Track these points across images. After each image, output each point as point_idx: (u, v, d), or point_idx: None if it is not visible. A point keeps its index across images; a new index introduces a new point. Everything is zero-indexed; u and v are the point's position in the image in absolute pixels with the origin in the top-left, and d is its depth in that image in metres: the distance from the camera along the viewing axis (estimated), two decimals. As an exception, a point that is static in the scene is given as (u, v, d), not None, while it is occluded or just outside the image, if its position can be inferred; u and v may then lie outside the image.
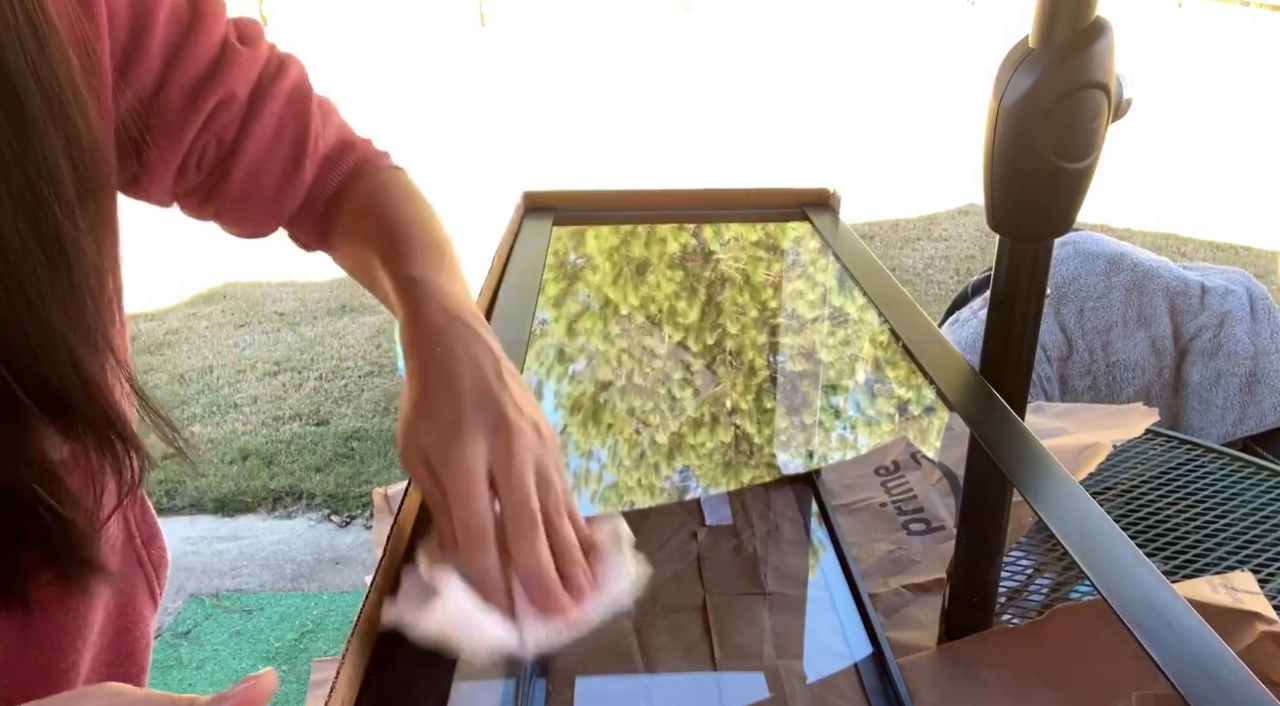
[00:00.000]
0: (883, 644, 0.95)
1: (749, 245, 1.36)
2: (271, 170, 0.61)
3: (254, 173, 0.60)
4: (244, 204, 0.61)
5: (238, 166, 0.59)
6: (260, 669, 0.33)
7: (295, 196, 0.63)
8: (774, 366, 1.40)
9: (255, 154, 0.59)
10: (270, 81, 0.59)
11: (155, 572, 0.61)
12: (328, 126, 0.64)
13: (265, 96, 0.59)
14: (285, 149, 0.61)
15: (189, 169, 0.58)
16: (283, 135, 0.60)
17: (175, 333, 3.57)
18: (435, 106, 7.31)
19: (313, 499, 2.55)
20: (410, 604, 0.45)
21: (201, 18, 0.55)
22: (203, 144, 0.57)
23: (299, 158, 0.61)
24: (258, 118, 0.58)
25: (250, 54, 0.58)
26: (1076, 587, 1.04)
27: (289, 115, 0.61)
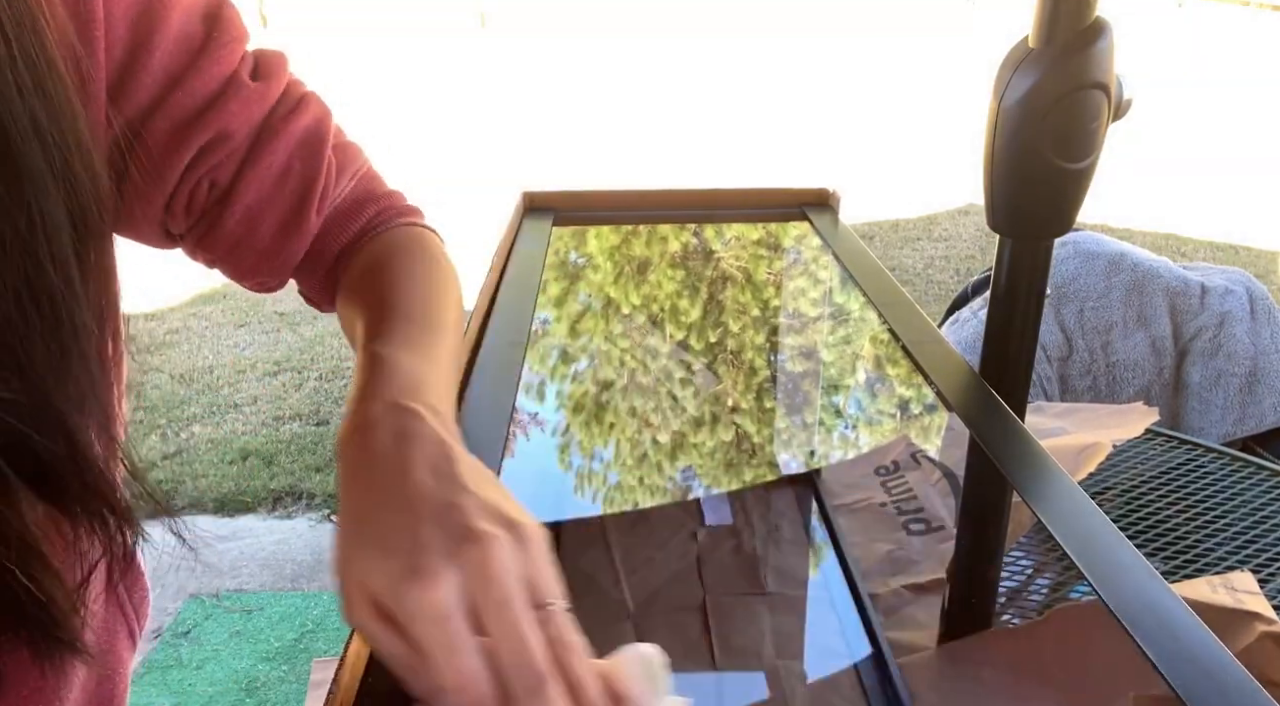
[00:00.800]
0: (883, 644, 0.95)
1: (749, 245, 1.37)
2: (270, 218, 0.55)
3: (250, 220, 0.54)
4: (240, 253, 0.55)
5: (231, 212, 0.53)
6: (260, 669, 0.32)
7: (297, 249, 0.57)
8: (774, 366, 1.40)
9: (252, 199, 0.53)
10: (280, 122, 0.54)
11: (136, 614, 0.57)
12: (344, 174, 0.58)
13: (270, 138, 0.53)
14: (287, 196, 0.55)
15: (178, 210, 0.52)
16: (286, 181, 0.54)
17: (175, 333, 3.57)
18: (435, 106, 7.31)
19: (313, 499, 2.55)
20: None
21: (214, 47, 0.51)
22: (193, 183, 0.52)
23: (302, 207, 0.55)
24: (258, 160, 0.53)
25: (259, 90, 0.52)
26: (1076, 588, 1.04)
27: (297, 159, 0.55)
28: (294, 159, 0.54)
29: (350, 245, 0.59)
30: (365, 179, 0.61)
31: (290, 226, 0.55)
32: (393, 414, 0.42)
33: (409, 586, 0.35)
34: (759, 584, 1.11)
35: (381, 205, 0.60)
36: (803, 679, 0.99)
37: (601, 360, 1.35)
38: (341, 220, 0.59)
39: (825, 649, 1.02)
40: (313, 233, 0.57)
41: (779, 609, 1.07)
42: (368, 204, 0.60)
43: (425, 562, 0.35)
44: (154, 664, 1.98)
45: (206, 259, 0.57)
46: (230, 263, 0.56)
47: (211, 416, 2.97)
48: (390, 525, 0.37)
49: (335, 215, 0.58)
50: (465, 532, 0.36)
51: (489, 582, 0.35)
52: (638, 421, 1.32)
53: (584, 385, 1.32)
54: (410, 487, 0.38)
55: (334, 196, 0.58)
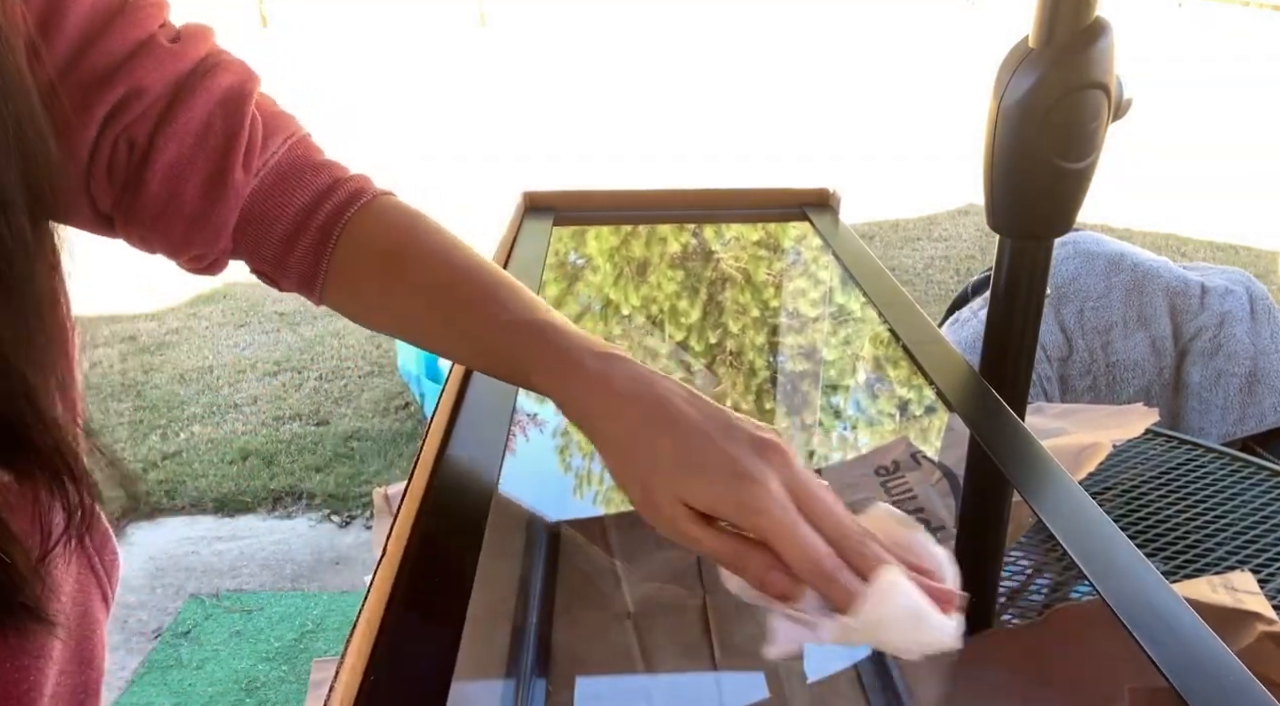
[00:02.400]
0: (883, 644, 0.95)
1: (749, 245, 1.37)
2: (193, 178, 0.53)
3: (172, 180, 0.52)
4: (167, 220, 0.53)
5: (152, 172, 0.51)
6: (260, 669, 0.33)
7: (226, 211, 0.54)
8: (774, 366, 1.40)
9: (171, 157, 0.51)
10: (198, 81, 0.52)
11: (108, 576, 0.57)
12: (274, 136, 0.56)
13: (188, 95, 0.51)
14: (209, 153, 0.53)
15: (99, 176, 0.51)
16: (207, 138, 0.52)
17: (175, 332, 3.57)
18: (435, 106, 7.31)
19: (313, 499, 2.55)
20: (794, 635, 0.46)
21: (131, 9, 0.50)
22: (110, 144, 0.50)
23: (225, 163, 0.53)
24: (175, 118, 0.51)
25: (176, 51, 0.52)
26: (1076, 587, 1.04)
27: (217, 117, 0.53)
28: (213, 117, 0.53)
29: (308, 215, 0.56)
30: (301, 144, 0.58)
31: (215, 185, 0.53)
32: (611, 362, 0.48)
33: (745, 489, 0.42)
34: (759, 584, 1.11)
35: (332, 174, 0.58)
36: (803, 679, 0.99)
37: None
38: (283, 185, 0.56)
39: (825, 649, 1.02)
40: (242, 193, 0.54)
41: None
42: (309, 170, 0.57)
43: (747, 469, 0.43)
44: (154, 664, 1.98)
45: (139, 234, 0.54)
46: (160, 232, 0.54)
47: (211, 416, 2.97)
48: (694, 448, 0.44)
49: (274, 179, 0.56)
50: (758, 442, 0.44)
51: (795, 476, 0.44)
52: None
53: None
54: (686, 417, 0.45)
55: (265, 156, 0.55)
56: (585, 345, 0.49)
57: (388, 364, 3.27)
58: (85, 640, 0.55)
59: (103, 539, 0.57)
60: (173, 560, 2.32)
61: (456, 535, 0.57)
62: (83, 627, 0.55)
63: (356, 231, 0.56)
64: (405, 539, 0.56)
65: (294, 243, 0.56)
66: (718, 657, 1.01)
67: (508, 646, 0.90)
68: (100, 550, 0.56)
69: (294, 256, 0.56)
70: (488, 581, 0.59)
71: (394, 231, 0.57)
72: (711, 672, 1.00)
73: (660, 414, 0.45)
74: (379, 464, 2.69)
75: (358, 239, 0.56)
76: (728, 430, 0.44)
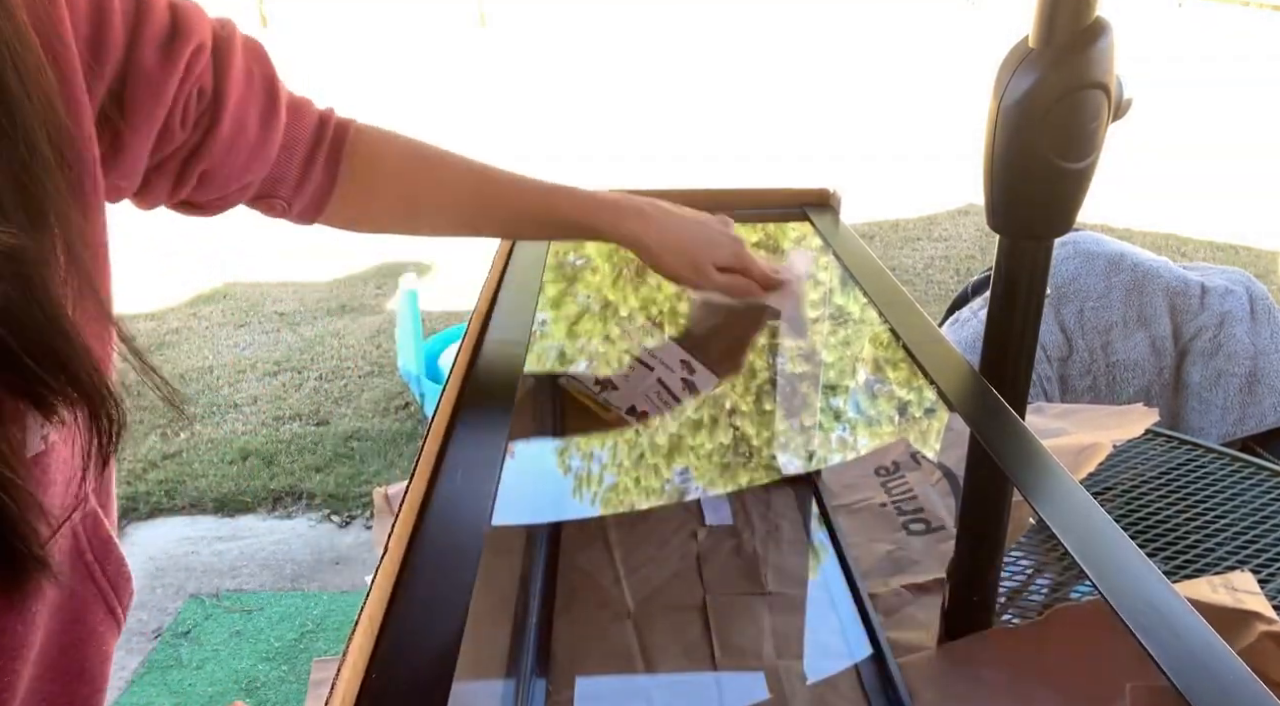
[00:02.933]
0: (883, 644, 0.95)
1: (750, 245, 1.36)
2: (253, 113, 0.62)
3: (239, 116, 0.61)
4: (234, 152, 0.62)
5: (224, 111, 0.60)
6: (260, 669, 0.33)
7: (275, 141, 0.65)
8: (774, 367, 1.40)
9: (237, 97, 0.60)
10: (225, 31, 0.61)
11: (114, 591, 0.57)
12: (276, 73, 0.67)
13: (228, 45, 0.60)
14: (258, 92, 0.63)
15: (173, 128, 0.57)
16: (253, 79, 0.62)
17: (175, 332, 3.57)
18: (435, 106, 7.31)
19: (313, 499, 2.55)
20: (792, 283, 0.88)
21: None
22: (186, 96, 0.57)
23: (273, 99, 0.64)
24: (228, 64, 0.60)
25: (196, 8, 0.59)
26: (1076, 587, 1.04)
27: (252, 60, 0.62)
28: (249, 60, 0.62)
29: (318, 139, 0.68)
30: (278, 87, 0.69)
31: (269, 118, 0.64)
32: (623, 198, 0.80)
33: (737, 248, 0.84)
34: (759, 584, 1.11)
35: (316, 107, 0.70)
36: (803, 679, 0.99)
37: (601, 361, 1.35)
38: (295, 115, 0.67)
39: (825, 649, 1.02)
40: (284, 122, 0.65)
41: (779, 609, 1.07)
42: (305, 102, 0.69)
43: (735, 237, 0.84)
44: (154, 664, 1.98)
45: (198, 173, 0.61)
46: (226, 165, 0.62)
47: (211, 416, 2.97)
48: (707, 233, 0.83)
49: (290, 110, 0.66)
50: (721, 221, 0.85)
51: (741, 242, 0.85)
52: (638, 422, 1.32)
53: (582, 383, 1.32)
54: (689, 218, 0.83)
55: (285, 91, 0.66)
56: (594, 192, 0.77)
57: (388, 364, 3.27)
58: (75, 647, 0.53)
59: (105, 547, 0.55)
60: (173, 560, 2.31)
61: (456, 535, 0.57)
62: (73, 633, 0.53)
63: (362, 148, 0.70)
64: (405, 539, 0.56)
65: (311, 164, 0.67)
66: (718, 657, 1.01)
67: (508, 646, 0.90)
68: (102, 561, 0.55)
69: (312, 176, 0.68)
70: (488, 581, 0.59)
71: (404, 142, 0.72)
72: (711, 672, 1.00)
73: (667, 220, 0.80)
74: (379, 464, 2.69)
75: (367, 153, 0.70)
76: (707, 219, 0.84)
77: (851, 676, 0.95)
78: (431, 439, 0.65)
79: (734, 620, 1.06)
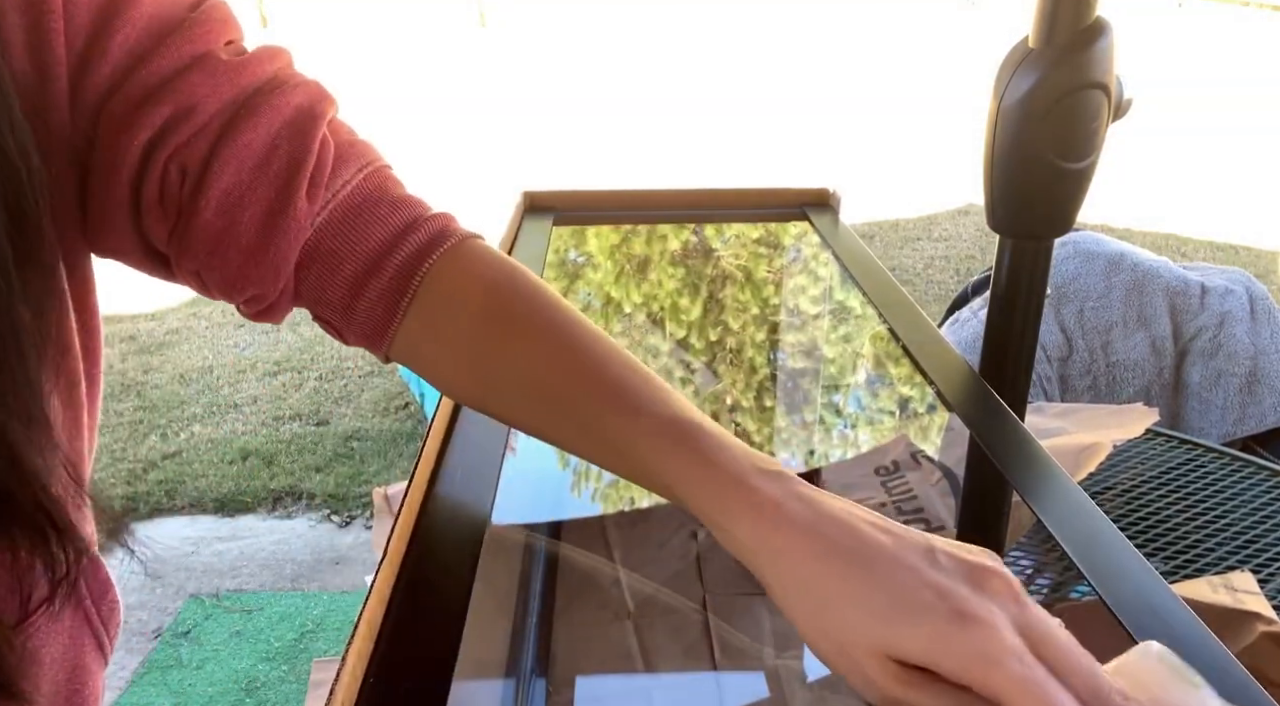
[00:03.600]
0: (883, 644, 0.95)
1: (749, 244, 1.37)
2: (252, 206, 0.46)
3: (229, 208, 0.46)
4: (222, 252, 0.47)
5: (207, 200, 0.45)
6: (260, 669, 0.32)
7: (287, 246, 0.47)
8: (774, 366, 1.40)
9: (229, 183, 0.45)
10: (262, 99, 0.46)
11: (105, 628, 0.53)
12: (347, 164, 0.49)
13: (249, 115, 0.46)
14: (271, 181, 0.46)
15: (150, 206, 0.46)
16: (270, 164, 0.46)
17: (175, 333, 3.57)
18: (435, 106, 7.31)
19: (313, 499, 2.55)
20: None
21: (189, 26, 0.45)
22: (160, 169, 0.45)
23: (289, 191, 0.46)
24: (234, 139, 0.45)
25: (236, 66, 0.46)
26: (1076, 587, 1.04)
27: (283, 140, 0.47)
28: (279, 140, 0.46)
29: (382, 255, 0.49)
30: (379, 175, 0.51)
31: (275, 215, 0.46)
32: (781, 483, 0.40)
33: (970, 635, 0.33)
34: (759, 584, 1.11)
35: (413, 211, 0.50)
36: (803, 679, 0.99)
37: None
38: (354, 219, 0.49)
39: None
40: (305, 226, 0.47)
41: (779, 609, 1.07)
42: (385, 204, 0.50)
43: (969, 607, 0.34)
44: (154, 664, 1.98)
45: (193, 269, 0.48)
46: (215, 268, 0.48)
47: (211, 416, 2.97)
48: (898, 585, 0.35)
49: (344, 212, 0.49)
50: (975, 570, 0.35)
51: (1028, 614, 0.35)
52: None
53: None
54: (881, 547, 0.36)
55: (335, 187, 0.49)
56: (747, 461, 0.40)
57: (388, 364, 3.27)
58: (76, 693, 0.52)
59: (103, 587, 0.52)
60: (173, 560, 2.32)
61: (456, 535, 0.57)
62: (74, 681, 0.51)
63: (444, 278, 0.49)
64: (405, 539, 0.56)
65: (364, 286, 0.49)
66: (718, 657, 1.01)
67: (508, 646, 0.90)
68: (99, 600, 0.52)
69: (364, 301, 0.49)
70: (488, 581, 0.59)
71: (494, 286, 0.49)
72: (711, 672, 1.00)
73: (848, 545, 0.37)
74: (379, 464, 2.69)
75: (446, 288, 0.49)
76: (932, 557, 0.36)
77: (851, 676, 0.95)
78: (431, 439, 0.65)
79: (734, 620, 1.06)
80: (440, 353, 0.50)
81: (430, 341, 0.49)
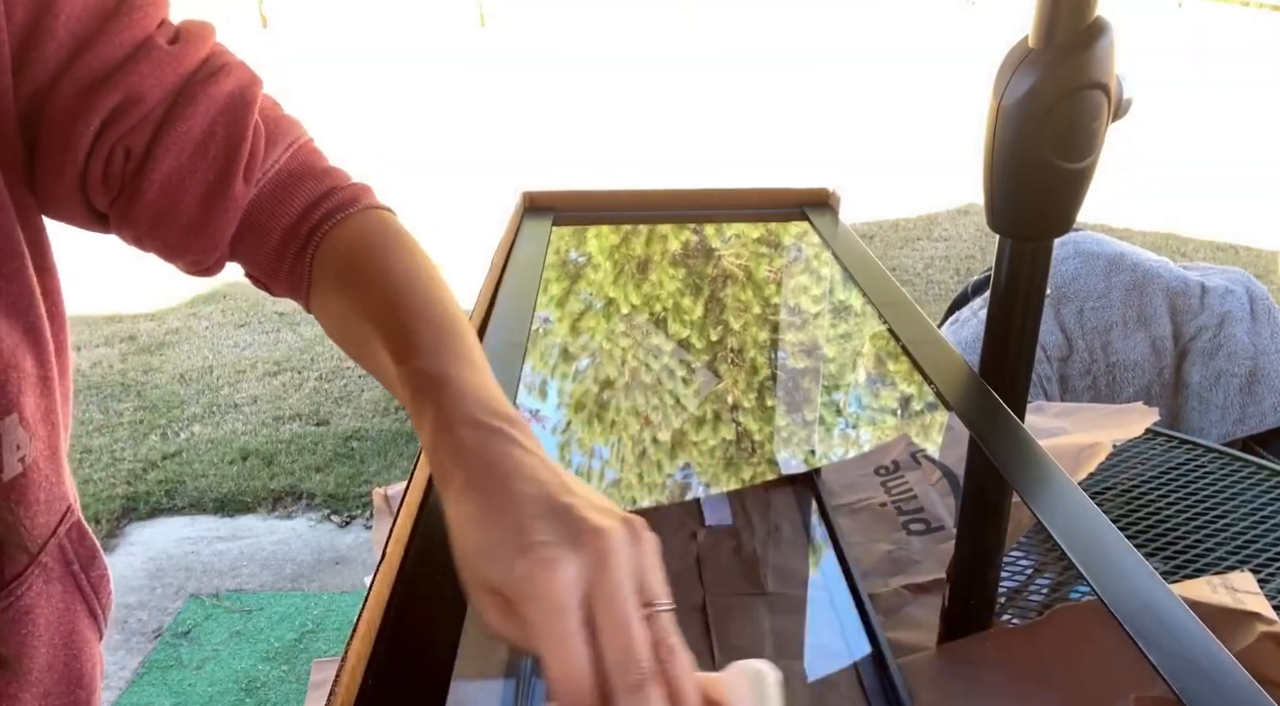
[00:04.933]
0: (883, 644, 0.95)
1: (749, 244, 1.36)
2: (192, 188, 0.51)
3: (170, 189, 0.51)
4: (164, 227, 0.52)
5: (150, 181, 0.50)
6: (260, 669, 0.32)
7: (224, 222, 0.53)
8: (774, 366, 1.40)
9: (170, 167, 0.50)
10: (199, 86, 0.51)
11: (96, 595, 0.55)
12: (276, 144, 0.55)
13: (188, 103, 0.50)
14: (210, 164, 0.51)
15: (95, 181, 0.50)
16: (208, 148, 0.51)
17: (175, 333, 3.57)
18: (435, 107, 7.31)
19: (313, 499, 2.55)
20: None
21: (126, 10, 0.48)
22: (106, 152, 0.49)
23: (226, 175, 0.52)
24: (174, 125, 0.50)
25: (175, 54, 0.50)
26: (1076, 588, 1.04)
27: (219, 125, 0.51)
28: (215, 126, 0.51)
29: (299, 224, 0.55)
30: (304, 151, 0.57)
31: (215, 196, 0.52)
32: (489, 435, 0.41)
33: (524, 568, 0.35)
34: (759, 584, 1.11)
35: (329, 183, 0.56)
36: (803, 679, 0.99)
37: (601, 359, 1.35)
38: (280, 194, 0.55)
39: (825, 649, 1.02)
40: (241, 204, 0.53)
41: (779, 609, 1.07)
42: (308, 178, 0.56)
43: (537, 545, 0.35)
44: (154, 664, 1.98)
45: (133, 236, 0.53)
46: (157, 238, 0.53)
47: (211, 416, 2.97)
48: (511, 524, 0.37)
49: (272, 188, 0.55)
50: (583, 524, 0.36)
51: (605, 572, 0.35)
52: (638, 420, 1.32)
53: (584, 385, 1.32)
54: (520, 495, 0.38)
55: (266, 166, 0.54)
56: (472, 407, 0.43)
57: (388, 364, 3.27)
58: (74, 658, 0.53)
59: (90, 553, 0.55)
60: (173, 560, 2.31)
61: (456, 535, 0.57)
62: (71, 647, 0.53)
63: (332, 242, 0.54)
64: (405, 539, 0.56)
65: (285, 251, 0.55)
66: (718, 658, 1.01)
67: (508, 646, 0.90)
68: (87, 566, 0.54)
69: (286, 263, 0.55)
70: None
71: (358, 248, 0.54)
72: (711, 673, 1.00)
73: (492, 493, 0.38)
74: (379, 464, 2.69)
75: (329, 250, 0.54)
76: (560, 510, 0.37)
77: (851, 676, 0.95)
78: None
79: (734, 620, 1.05)
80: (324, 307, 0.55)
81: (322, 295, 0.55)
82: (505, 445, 0.41)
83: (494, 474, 0.39)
